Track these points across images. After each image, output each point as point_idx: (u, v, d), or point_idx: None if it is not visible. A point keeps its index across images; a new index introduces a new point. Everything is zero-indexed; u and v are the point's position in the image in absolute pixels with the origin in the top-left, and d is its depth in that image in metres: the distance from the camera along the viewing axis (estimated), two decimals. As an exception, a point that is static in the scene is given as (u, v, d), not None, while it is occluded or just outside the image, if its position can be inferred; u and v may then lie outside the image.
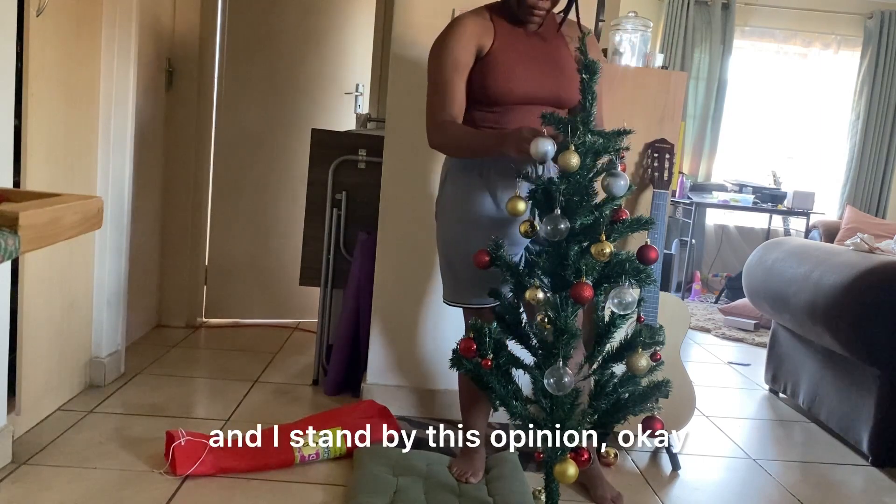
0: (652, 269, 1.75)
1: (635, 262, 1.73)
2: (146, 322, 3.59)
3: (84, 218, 0.97)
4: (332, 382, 2.93)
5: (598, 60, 1.72)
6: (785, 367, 3.27)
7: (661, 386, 1.78)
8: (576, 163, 1.66)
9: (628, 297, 1.69)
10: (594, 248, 1.68)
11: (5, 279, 2.11)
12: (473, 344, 1.82)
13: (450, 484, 2.16)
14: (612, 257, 1.69)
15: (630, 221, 1.76)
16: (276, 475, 2.21)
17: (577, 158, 1.66)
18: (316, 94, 4.00)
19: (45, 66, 2.28)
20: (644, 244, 1.74)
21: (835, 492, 2.44)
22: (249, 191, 3.91)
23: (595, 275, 1.73)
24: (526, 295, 1.73)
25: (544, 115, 1.74)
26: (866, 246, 2.93)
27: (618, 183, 1.72)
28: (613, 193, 1.73)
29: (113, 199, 2.82)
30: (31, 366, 2.36)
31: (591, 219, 1.73)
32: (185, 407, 2.76)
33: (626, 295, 1.69)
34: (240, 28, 3.81)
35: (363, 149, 3.02)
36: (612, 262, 1.73)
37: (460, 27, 2.03)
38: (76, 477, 2.10)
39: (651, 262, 1.72)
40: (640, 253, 1.73)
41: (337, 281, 3.07)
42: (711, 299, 5.73)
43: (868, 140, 6.15)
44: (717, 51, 6.02)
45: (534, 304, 1.72)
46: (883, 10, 5.99)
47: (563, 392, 1.69)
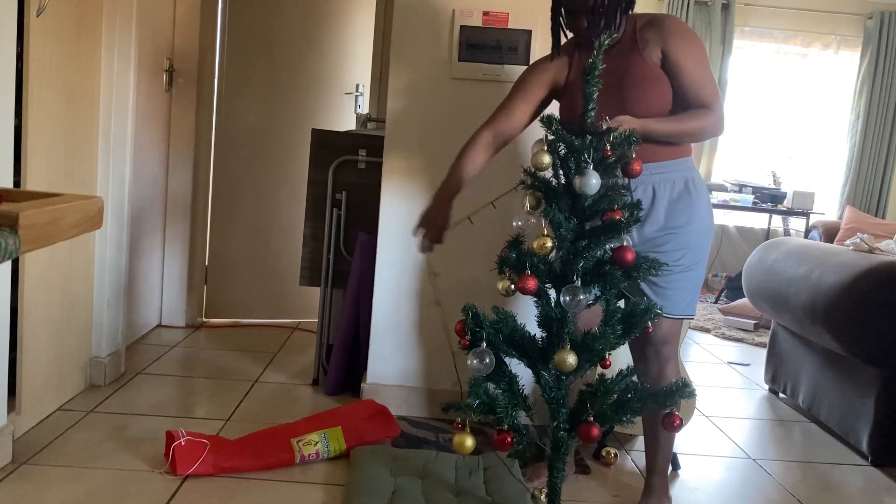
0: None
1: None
2: (146, 322, 3.59)
3: (84, 218, 0.97)
4: (332, 382, 2.93)
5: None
6: (785, 367, 3.27)
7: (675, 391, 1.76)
8: (548, 161, 1.71)
9: (580, 295, 1.70)
10: (535, 243, 1.70)
11: (5, 279, 2.11)
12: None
13: (448, 483, 2.16)
14: (551, 251, 1.70)
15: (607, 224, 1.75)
16: (276, 475, 2.21)
17: (548, 157, 1.71)
18: (316, 94, 4.00)
19: (45, 66, 2.28)
20: (620, 245, 1.71)
21: (834, 492, 2.44)
22: (249, 190, 3.91)
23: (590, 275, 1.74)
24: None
25: (542, 116, 1.76)
26: (866, 246, 2.93)
27: (589, 182, 1.69)
28: (585, 193, 1.70)
29: (113, 199, 2.82)
30: (32, 365, 2.36)
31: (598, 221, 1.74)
32: (185, 407, 2.76)
33: (578, 293, 1.70)
34: (240, 28, 3.81)
35: (363, 149, 3.02)
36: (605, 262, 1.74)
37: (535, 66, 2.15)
38: (76, 477, 2.10)
39: (626, 264, 1.70)
40: (616, 254, 1.71)
41: (337, 281, 3.07)
42: (711, 299, 5.73)
43: (868, 140, 6.15)
44: (717, 51, 6.02)
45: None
46: (883, 10, 5.98)
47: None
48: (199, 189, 3.74)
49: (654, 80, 1.95)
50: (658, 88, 1.95)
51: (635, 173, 1.74)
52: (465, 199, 2.06)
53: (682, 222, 1.99)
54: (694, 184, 2.01)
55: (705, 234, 2.04)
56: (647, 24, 1.99)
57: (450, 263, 2.70)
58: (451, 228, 2.05)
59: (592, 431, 1.69)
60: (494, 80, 2.63)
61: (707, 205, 2.05)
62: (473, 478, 2.20)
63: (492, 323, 1.79)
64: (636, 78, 1.95)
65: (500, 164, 2.63)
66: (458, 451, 1.72)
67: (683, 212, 1.99)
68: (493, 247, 2.06)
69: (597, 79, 1.70)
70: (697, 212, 2.01)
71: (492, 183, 2.68)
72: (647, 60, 1.95)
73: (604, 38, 1.70)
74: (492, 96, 2.63)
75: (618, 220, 1.72)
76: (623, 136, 1.72)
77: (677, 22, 2.01)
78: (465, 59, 2.62)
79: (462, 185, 2.06)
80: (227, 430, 2.51)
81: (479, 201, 2.02)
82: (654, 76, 1.95)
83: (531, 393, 1.95)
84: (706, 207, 2.04)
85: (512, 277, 1.74)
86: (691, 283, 2.03)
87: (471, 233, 2.18)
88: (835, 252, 2.92)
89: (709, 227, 2.05)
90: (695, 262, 2.02)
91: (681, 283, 2.00)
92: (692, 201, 2.00)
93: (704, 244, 2.04)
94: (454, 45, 2.62)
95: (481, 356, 1.73)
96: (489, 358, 1.73)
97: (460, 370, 2.07)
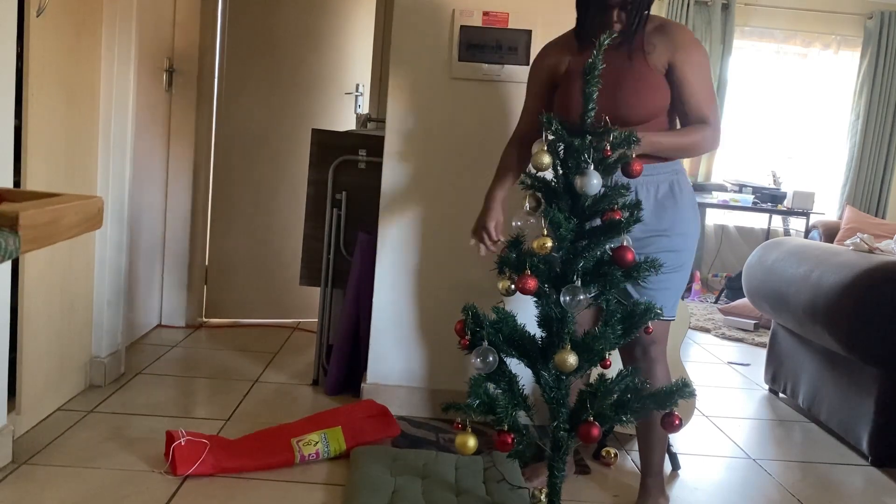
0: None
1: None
2: (146, 322, 3.59)
3: (84, 218, 0.97)
4: (332, 382, 2.93)
5: (594, 62, 1.71)
6: (785, 367, 3.27)
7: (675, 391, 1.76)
8: (547, 161, 1.71)
9: (580, 295, 1.70)
10: (536, 243, 1.69)
11: (5, 279, 2.11)
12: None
13: (448, 483, 2.16)
14: (551, 251, 1.70)
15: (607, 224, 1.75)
16: (276, 475, 2.21)
17: (548, 158, 1.71)
18: (316, 94, 4.00)
19: (45, 66, 2.28)
20: (620, 245, 1.72)
21: (834, 492, 2.44)
22: (249, 191, 3.91)
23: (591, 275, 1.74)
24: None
25: (542, 116, 1.76)
26: (866, 246, 2.93)
27: (590, 182, 1.70)
28: (586, 192, 1.71)
29: (113, 198, 2.82)
30: (32, 365, 2.36)
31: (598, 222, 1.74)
32: (185, 407, 2.76)
33: (579, 293, 1.70)
34: (240, 28, 3.81)
35: (363, 149, 3.02)
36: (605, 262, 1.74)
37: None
38: (76, 477, 2.10)
39: (627, 264, 1.71)
40: (616, 254, 1.72)
41: (337, 281, 3.07)
42: (711, 299, 5.73)
43: (868, 140, 6.14)
44: (717, 51, 6.01)
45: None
46: (883, 10, 5.98)
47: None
48: (199, 189, 3.74)
49: (653, 86, 1.96)
50: (656, 94, 1.96)
51: (635, 173, 1.74)
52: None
53: (666, 225, 2.00)
54: (679, 186, 2.02)
55: (691, 236, 2.05)
56: (656, 29, 1.99)
57: (450, 263, 2.70)
58: (501, 236, 2.10)
59: (593, 432, 1.69)
60: (494, 80, 2.63)
61: (693, 207, 2.06)
62: (473, 478, 2.20)
63: (492, 323, 1.79)
64: (636, 80, 1.96)
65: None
66: (460, 451, 1.72)
67: (668, 214, 2.00)
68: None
69: (597, 79, 1.70)
70: (682, 215, 2.02)
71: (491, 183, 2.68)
72: (650, 65, 1.96)
73: (604, 38, 1.70)
74: (492, 96, 2.64)
75: (618, 219, 1.72)
76: (622, 135, 1.72)
77: (687, 34, 2.03)
78: (465, 59, 2.62)
79: (498, 190, 2.15)
80: (227, 430, 2.50)
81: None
82: (654, 82, 1.96)
83: (531, 393, 1.95)
84: (691, 210, 2.06)
85: (512, 277, 1.74)
86: (675, 284, 2.05)
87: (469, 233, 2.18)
88: (835, 252, 2.92)
89: (694, 230, 2.06)
90: (680, 264, 2.03)
91: (665, 283, 2.00)
92: (677, 204, 2.01)
93: (690, 247, 2.05)
94: (454, 45, 2.62)
95: (484, 355, 1.73)
96: (492, 357, 1.73)
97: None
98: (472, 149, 2.65)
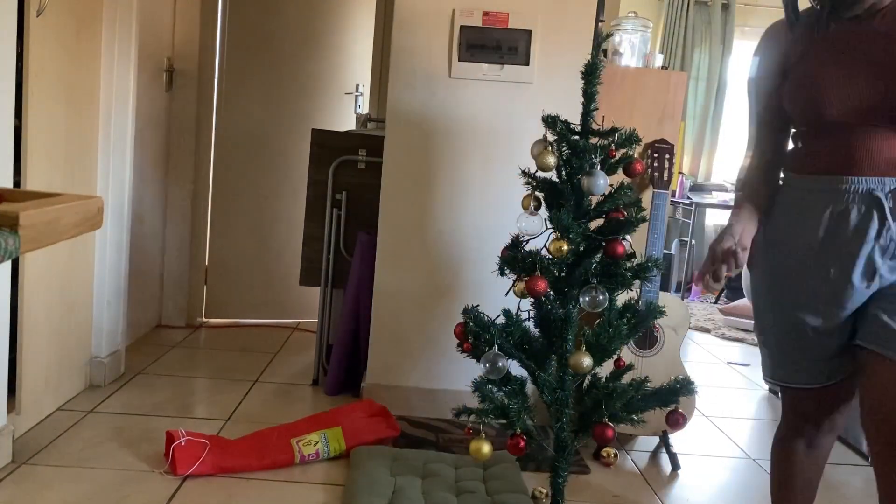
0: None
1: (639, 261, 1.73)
2: (146, 322, 3.59)
3: (84, 218, 0.97)
4: (332, 382, 2.93)
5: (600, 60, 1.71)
6: (785, 367, 3.26)
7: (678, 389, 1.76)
8: (552, 162, 1.70)
9: (600, 295, 1.69)
10: (552, 246, 1.69)
11: (5, 279, 2.11)
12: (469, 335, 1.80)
13: (448, 483, 2.16)
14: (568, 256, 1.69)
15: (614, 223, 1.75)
16: (276, 475, 2.21)
17: (553, 158, 1.70)
18: (316, 94, 4.00)
19: (45, 66, 2.28)
20: (611, 237, 1.72)
21: (835, 492, 2.43)
22: (249, 191, 3.91)
23: None
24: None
25: (545, 117, 1.75)
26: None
27: (597, 182, 1.69)
28: (592, 192, 1.70)
29: (113, 199, 2.82)
30: (32, 365, 2.36)
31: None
32: (185, 407, 2.76)
33: (598, 293, 1.70)
34: (240, 28, 3.81)
35: (363, 149, 3.02)
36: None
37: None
38: (76, 477, 2.10)
39: (618, 256, 1.70)
40: (608, 246, 1.71)
41: (337, 281, 3.07)
42: (711, 299, 5.73)
43: (868, 140, 6.14)
44: (717, 51, 6.02)
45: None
46: (883, 10, 5.98)
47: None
48: (199, 189, 3.74)
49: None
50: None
51: (637, 173, 1.74)
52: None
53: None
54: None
55: None
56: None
57: (450, 263, 2.70)
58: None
59: (607, 433, 1.68)
60: (494, 80, 2.63)
61: None
62: (473, 478, 2.20)
63: (502, 327, 1.78)
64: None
65: (500, 163, 2.63)
66: (475, 457, 1.68)
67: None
68: (494, 251, 2.07)
69: (598, 79, 1.70)
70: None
71: (492, 183, 2.69)
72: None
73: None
74: (492, 96, 2.64)
75: (622, 219, 1.73)
76: (625, 135, 1.72)
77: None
78: (465, 59, 2.62)
79: (741, 219, 1.62)
80: (227, 430, 2.51)
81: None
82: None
83: (530, 393, 1.95)
84: None
85: (522, 278, 1.74)
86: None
87: (473, 235, 2.19)
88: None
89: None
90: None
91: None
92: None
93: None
94: (454, 45, 2.62)
95: (494, 361, 1.71)
96: (502, 363, 1.71)
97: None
98: (472, 149, 2.65)
